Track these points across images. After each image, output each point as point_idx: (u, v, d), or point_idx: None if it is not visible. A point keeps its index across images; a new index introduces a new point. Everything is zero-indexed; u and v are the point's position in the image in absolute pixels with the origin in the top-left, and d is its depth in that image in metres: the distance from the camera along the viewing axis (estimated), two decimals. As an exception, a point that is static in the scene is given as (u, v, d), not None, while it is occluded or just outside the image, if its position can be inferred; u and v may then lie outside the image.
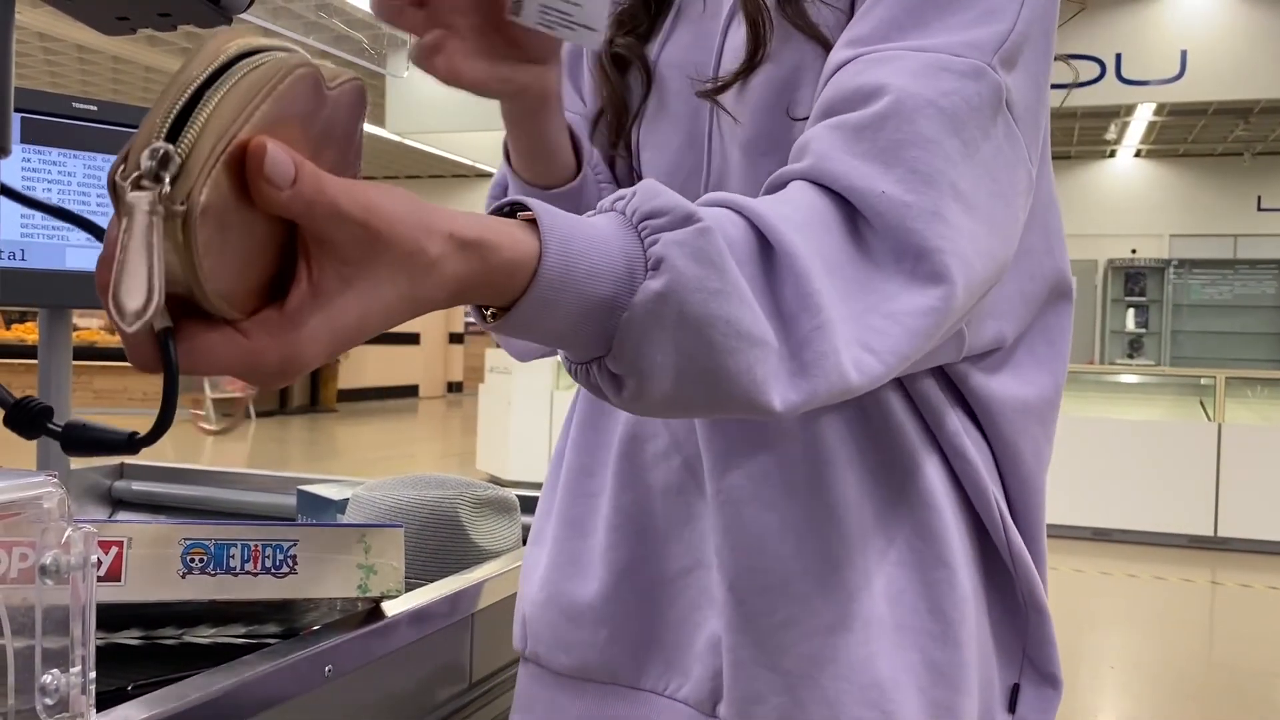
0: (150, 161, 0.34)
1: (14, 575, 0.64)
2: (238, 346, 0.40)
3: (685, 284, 0.50)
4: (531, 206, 0.49)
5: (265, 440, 11.22)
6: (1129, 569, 5.85)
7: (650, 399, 0.52)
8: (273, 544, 0.79)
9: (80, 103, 1.47)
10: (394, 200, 0.42)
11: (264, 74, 0.37)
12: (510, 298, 0.48)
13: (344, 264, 0.41)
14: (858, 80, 0.61)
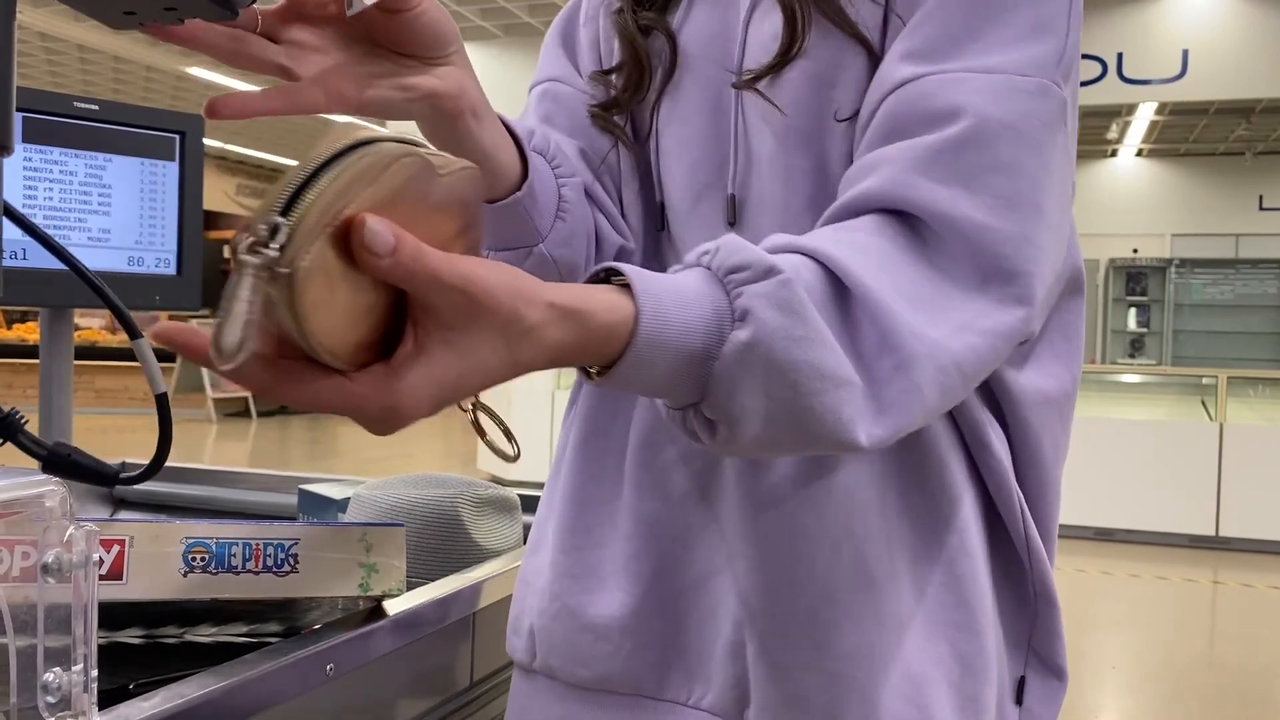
0: (264, 230, 0.40)
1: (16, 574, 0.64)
2: (344, 393, 0.45)
3: (771, 333, 0.53)
4: (624, 271, 0.53)
5: (266, 439, 11.23)
6: (1131, 569, 5.85)
7: (742, 442, 0.56)
8: (274, 543, 0.79)
9: (82, 102, 1.47)
10: (493, 271, 0.47)
11: (371, 162, 0.43)
12: (610, 359, 0.52)
13: (447, 328, 0.46)
14: (930, 101, 0.63)
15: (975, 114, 0.61)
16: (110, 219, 1.50)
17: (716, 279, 0.55)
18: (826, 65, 0.71)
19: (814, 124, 0.72)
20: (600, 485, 0.80)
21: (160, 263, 1.54)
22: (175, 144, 1.55)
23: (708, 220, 0.77)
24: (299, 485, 1.34)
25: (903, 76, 0.64)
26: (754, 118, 0.75)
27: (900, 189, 0.60)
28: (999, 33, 0.64)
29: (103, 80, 9.76)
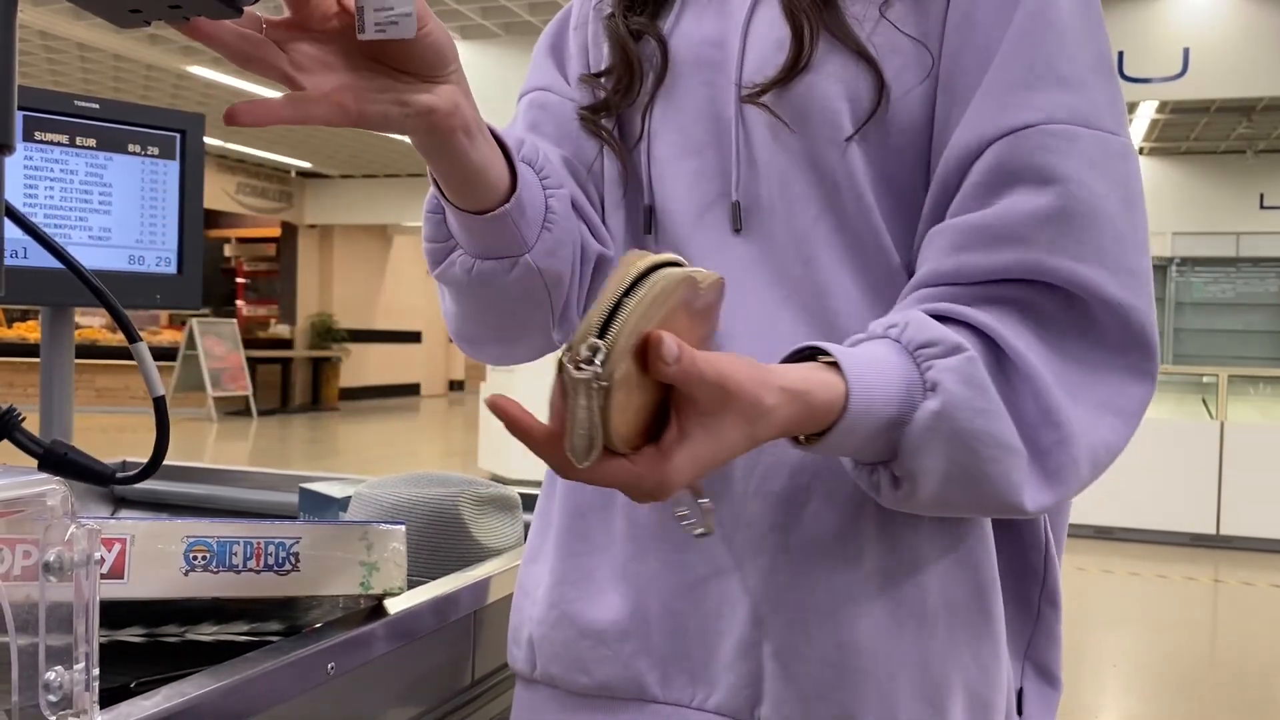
0: (588, 352, 0.51)
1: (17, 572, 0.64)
2: (627, 471, 0.55)
3: (957, 404, 0.61)
4: (831, 351, 0.62)
5: (267, 438, 11.23)
6: (1131, 567, 5.85)
7: (919, 499, 0.64)
8: (275, 541, 0.79)
9: (82, 100, 1.47)
10: (740, 365, 0.56)
11: (661, 289, 0.53)
12: (823, 428, 0.61)
13: (703, 414, 0.55)
14: (1042, 161, 0.65)
15: (1089, 186, 0.65)
16: (111, 218, 1.50)
17: (907, 352, 0.63)
18: (831, 80, 0.72)
19: (818, 136, 0.72)
20: (597, 492, 0.80)
21: (161, 262, 1.54)
22: (176, 142, 1.55)
23: (713, 226, 0.76)
24: (300, 484, 1.34)
25: (1010, 124, 0.66)
26: (756, 126, 0.75)
27: (1053, 263, 0.65)
28: (1079, 73, 0.68)
29: (103, 79, 9.76)
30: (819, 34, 0.71)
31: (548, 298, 0.77)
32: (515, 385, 7.88)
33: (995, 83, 0.68)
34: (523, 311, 0.78)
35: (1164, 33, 7.00)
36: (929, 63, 0.71)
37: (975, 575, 0.73)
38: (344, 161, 13.93)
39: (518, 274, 0.74)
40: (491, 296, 0.76)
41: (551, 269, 0.76)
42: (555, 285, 0.77)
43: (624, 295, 0.52)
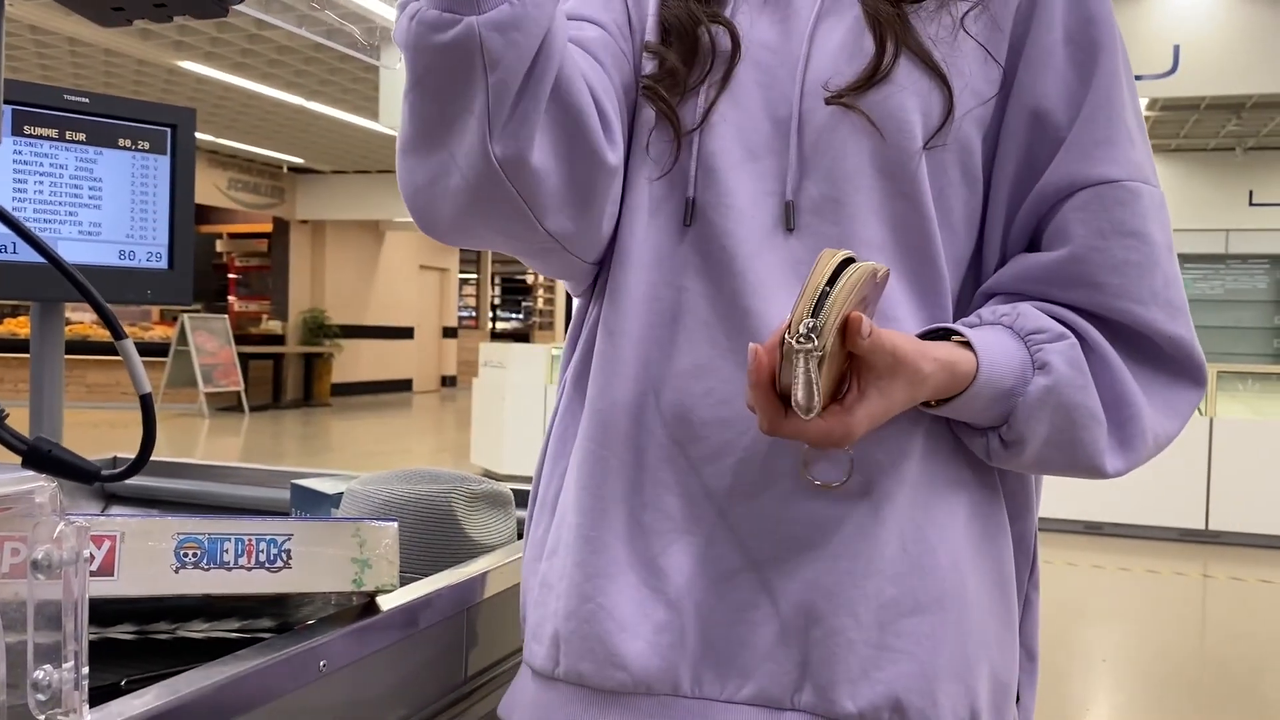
0: (806, 329, 0.64)
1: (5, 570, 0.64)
2: (818, 426, 0.67)
3: (1063, 381, 0.74)
4: (964, 333, 0.73)
5: (259, 434, 11.21)
6: (1121, 562, 5.87)
7: (1022, 458, 0.76)
8: (267, 538, 0.78)
9: (72, 95, 1.46)
10: (907, 340, 0.69)
11: (855, 279, 0.65)
12: (955, 393, 0.73)
13: (878, 378, 0.68)
14: (1120, 216, 0.77)
15: (1156, 239, 0.78)
16: (101, 213, 1.49)
17: (1019, 337, 0.75)
18: (906, 93, 0.75)
19: (887, 145, 0.75)
20: (619, 480, 0.79)
21: (152, 257, 1.53)
22: (167, 137, 1.55)
23: (763, 224, 0.77)
24: (291, 480, 1.34)
25: (1097, 177, 0.77)
26: (815, 129, 0.76)
27: (1115, 309, 0.77)
28: (1135, 133, 0.79)
29: (94, 74, 9.71)
30: (900, 47, 0.76)
31: (483, 93, 0.68)
32: (508, 381, 7.88)
33: (1083, 136, 0.78)
34: (450, 108, 0.70)
35: (1154, 30, 7.01)
36: (984, 89, 0.78)
37: (1000, 568, 0.80)
38: (336, 157, 13.90)
39: (454, 37, 0.67)
40: (425, 61, 0.68)
41: (497, 49, 0.67)
42: (497, 71, 0.68)
43: (827, 285, 0.64)
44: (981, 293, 0.81)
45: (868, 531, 0.75)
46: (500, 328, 22.20)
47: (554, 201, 0.75)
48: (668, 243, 0.80)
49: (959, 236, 0.80)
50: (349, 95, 10.13)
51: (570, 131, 0.74)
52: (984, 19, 0.79)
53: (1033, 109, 0.79)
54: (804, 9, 0.79)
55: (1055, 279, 0.78)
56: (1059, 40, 0.79)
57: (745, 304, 0.76)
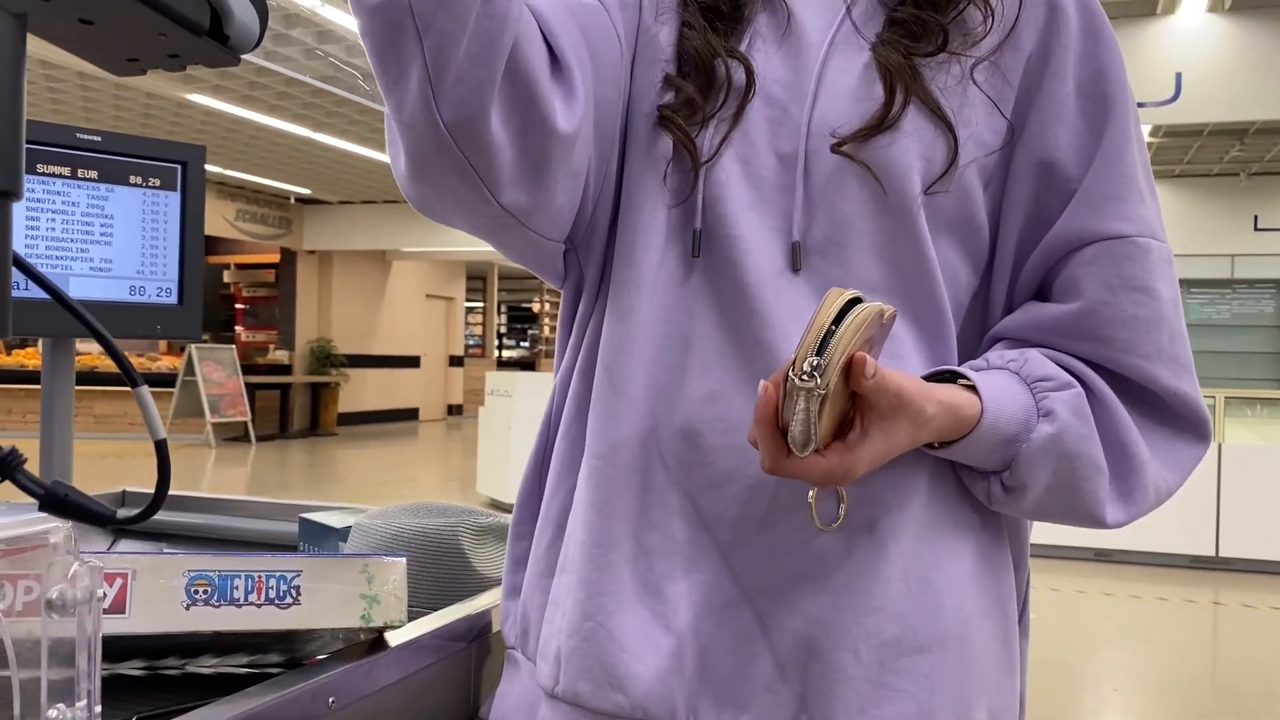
0: (809, 368, 0.64)
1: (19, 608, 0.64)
2: (819, 465, 0.67)
3: (1067, 430, 0.74)
4: (970, 377, 0.74)
5: (266, 464, 11.21)
6: (1131, 590, 5.84)
7: (1021, 504, 0.77)
8: (276, 575, 0.79)
9: (84, 133, 1.48)
10: (911, 381, 0.70)
11: (861, 319, 0.65)
12: (958, 436, 0.73)
13: (881, 418, 0.68)
14: (1129, 272, 0.78)
15: (1164, 295, 0.78)
16: (112, 249, 1.51)
17: (1025, 384, 0.75)
18: (911, 139, 0.76)
19: (888, 190, 0.76)
20: (626, 500, 0.79)
21: (162, 292, 1.55)
22: (177, 174, 1.56)
23: (769, 262, 0.77)
24: (300, 514, 1.34)
25: (1107, 232, 0.78)
26: (821, 170, 0.77)
27: (1120, 363, 0.78)
28: (1144, 189, 0.80)
29: (104, 107, 9.81)
30: (910, 96, 0.76)
31: (419, 56, 0.67)
32: (514, 409, 7.88)
33: (1094, 190, 0.79)
34: (393, 71, 0.69)
35: (1156, 57, 7.05)
36: (990, 140, 0.79)
37: (1003, 612, 0.80)
38: (343, 188, 13.98)
39: (382, 3, 0.65)
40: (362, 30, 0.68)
41: (432, 20, 0.65)
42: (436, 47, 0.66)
43: (833, 324, 0.65)
44: (989, 336, 0.83)
45: (871, 569, 0.75)
46: (506, 356, 22.23)
47: (508, 174, 0.73)
48: (680, 270, 0.80)
49: (961, 279, 0.81)
50: (356, 126, 10.20)
51: (522, 104, 0.72)
52: (993, 72, 0.80)
53: (1043, 160, 0.80)
54: (814, 45, 0.80)
55: (1064, 330, 0.79)
56: (1071, 93, 0.80)
57: (757, 336, 0.76)
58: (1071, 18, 0.80)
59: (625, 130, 0.83)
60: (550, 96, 0.73)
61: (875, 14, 0.81)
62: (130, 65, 0.51)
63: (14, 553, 0.62)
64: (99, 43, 0.50)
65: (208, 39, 0.48)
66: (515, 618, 0.88)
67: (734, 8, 0.82)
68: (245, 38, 0.48)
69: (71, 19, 0.47)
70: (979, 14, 0.79)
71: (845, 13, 0.81)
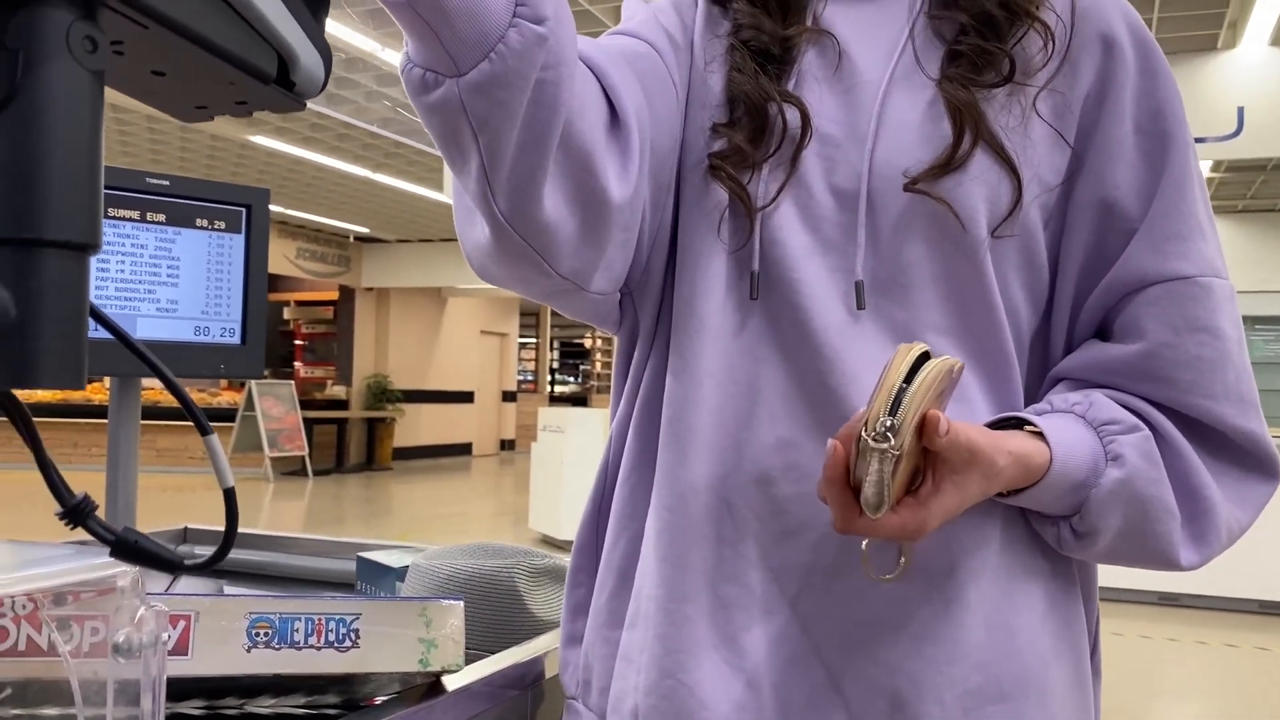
0: (883, 429, 0.64)
1: (86, 649, 0.65)
2: (892, 521, 0.67)
3: (1137, 473, 0.74)
4: (1037, 424, 0.73)
5: (322, 498, 11.33)
6: (1198, 635, 5.67)
7: (1093, 549, 0.76)
8: (336, 618, 0.79)
9: (153, 178, 1.52)
10: (981, 433, 0.69)
11: (933, 376, 0.65)
12: (1028, 484, 0.73)
13: (953, 472, 0.68)
14: (1193, 313, 0.77)
15: (1227, 334, 0.78)
16: (178, 290, 1.54)
17: (1092, 427, 0.75)
18: (976, 182, 0.76)
19: (954, 231, 0.76)
20: (700, 553, 0.78)
21: (225, 332, 1.58)
22: (242, 217, 1.60)
23: (830, 303, 0.77)
24: (358, 552, 1.35)
25: (1170, 272, 0.77)
26: (883, 209, 0.77)
27: (1185, 404, 0.77)
28: (1206, 226, 0.79)
29: (170, 149, 10.08)
30: (978, 136, 0.76)
31: (476, 151, 0.66)
32: (566, 446, 7.90)
33: (1155, 230, 0.78)
34: (455, 161, 0.69)
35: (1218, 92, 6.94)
36: (1050, 178, 0.79)
37: (1078, 657, 0.80)
38: (401, 226, 14.21)
39: (439, 99, 0.64)
40: (423, 123, 0.67)
41: (481, 109, 0.64)
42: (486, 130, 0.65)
43: (904, 381, 0.65)
44: (1050, 377, 0.82)
45: (952, 616, 0.74)
46: (558, 391, 22.31)
47: (567, 247, 0.73)
48: (740, 315, 0.80)
49: (1023, 322, 0.81)
50: (413, 167, 10.38)
51: (578, 178, 0.71)
52: (1054, 100, 0.79)
53: (1102, 199, 0.79)
54: (870, 83, 0.79)
55: (1127, 372, 0.78)
56: (1129, 131, 0.79)
57: (827, 382, 0.76)
58: (1128, 55, 0.80)
59: (679, 175, 0.83)
60: (605, 165, 0.72)
61: (933, 47, 0.80)
62: (199, 112, 0.53)
63: (83, 595, 0.63)
64: (169, 92, 0.51)
65: (274, 86, 0.48)
66: (576, 667, 0.87)
67: (783, 49, 0.82)
68: (310, 84, 0.49)
69: (144, 71, 0.48)
70: (1038, 39, 0.78)
71: (904, 47, 0.80)
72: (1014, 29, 0.78)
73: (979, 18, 0.78)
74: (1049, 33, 0.78)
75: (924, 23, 0.81)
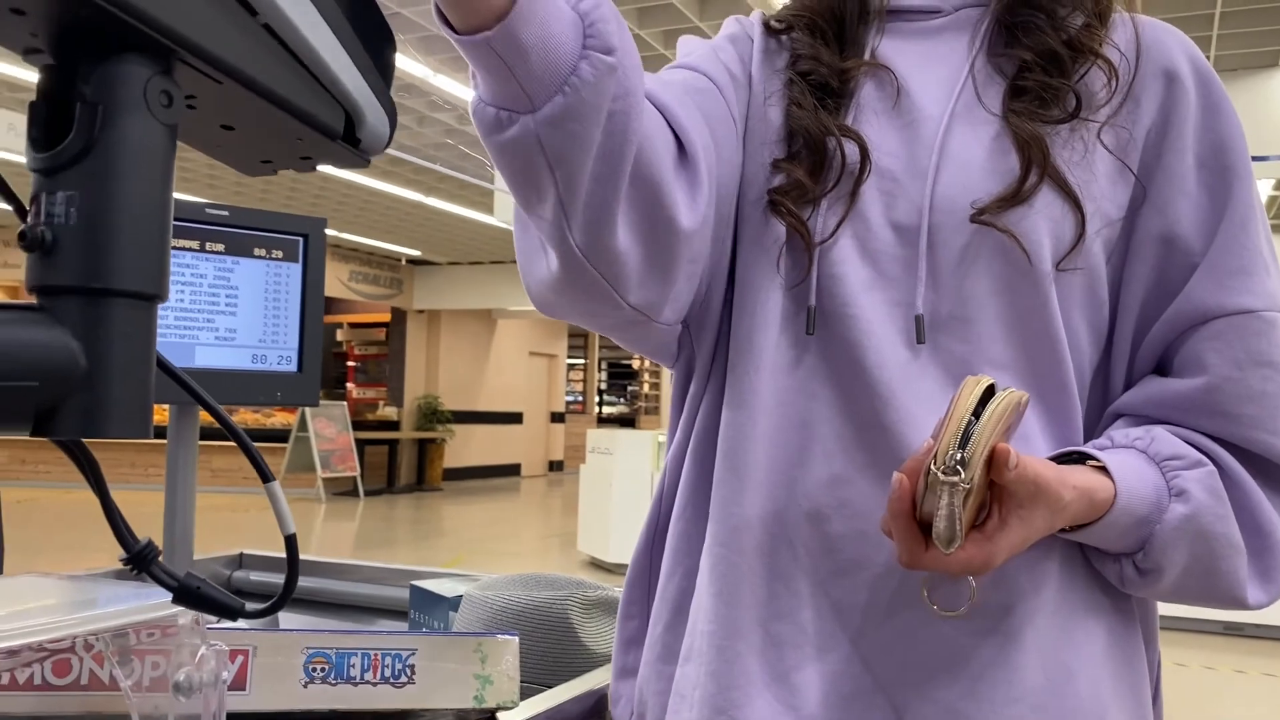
0: (953, 462, 0.63)
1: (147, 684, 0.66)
2: (959, 556, 0.66)
3: (1203, 510, 0.73)
4: (1101, 459, 0.73)
5: (373, 519, 11.43)
6: (1266, 667, 5.51)
7: (1157, 586, 0.75)
8: (392, 653, 0.79)
9: (213, 208, 1.55)
10: (1047, 467, 0.68)
11: (1002, 408, 0.64)
12: (1092, 520, 0.72)
13: (1019, 506, 0.68)
14: (1255, 347, 0.76)
15: None
16: (236, 318, 1.56)
17: (1154, 463, 0.74)
18: (1040, 216, 0.75)
19: (1018, 265, 0.75)
20: (752, 590, 0.78)
21: (282, 360, 1.60)
22: (299, 246, 1.62)
23: (889, 337, 0.76)
24: (411, 581, 1.36)
25: (1233, 306, 0.77)
26: (944, 243, 0.76)
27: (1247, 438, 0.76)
28: (1268, 261, 0.78)
29: (227, 173, 10.28)
30: (1045, 171, 0.76)
31: (553, 185, 0.66)
32: (615, 468, 7.89)
33: (1218, 264, 0.77)
34: (529, 197, 0.68)
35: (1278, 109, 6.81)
36: (1112, 212, 0.78)
37: (1138, 699, 0.78)
38: (452, 249, 14.36)
39: (515, 135, 0.64)
40: (496, 158, 0.67)
41: (557, 144, 0.64)
42: (563, 166, 0.65)
43: (973, 414, 0.64)
44: (1109, 413, 0.81)
45: (1009, 657, 0.73)
46: (606, 412, 22.34)
47: (636, 277, 0.73)
48: (797, 350, 0.79)
49: (1084, 357, 0.80)
50: (465, 191, 10.49)
51: (649, 208, 0.71)
52: (1117, 134, 0.79)
53: (1164, 233, 0.78)
54: (930, 118, 0.79)
55: (1189, 407, 0.77)
56: (1191, 166, 0.78)
57: (881, 420, 0.75)
58: (1190, 90, 0.79)
59: (738, 210, 0.83)
60: (674, 195, 0.72)
61: (994, 82, 0.80)
62: (263, 166, 0.53)
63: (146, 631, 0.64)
64: (237, 146, 0.52)
65: (340, 142, 0.49)
66: (629, 700, 0.87)
67: (841, 81, 0.82)
68: (376, 141, 0.50)
69: (215, 125, 0.49)
70: (1102, 75, 0.78)
71: (966, 82, 0.80)
72: (1078, 65, 0.78)
73: (1044, 55, 0.78)
74: (1112, 69, 0.78)
75: (983, 59, 0.81)
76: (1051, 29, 0.79)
